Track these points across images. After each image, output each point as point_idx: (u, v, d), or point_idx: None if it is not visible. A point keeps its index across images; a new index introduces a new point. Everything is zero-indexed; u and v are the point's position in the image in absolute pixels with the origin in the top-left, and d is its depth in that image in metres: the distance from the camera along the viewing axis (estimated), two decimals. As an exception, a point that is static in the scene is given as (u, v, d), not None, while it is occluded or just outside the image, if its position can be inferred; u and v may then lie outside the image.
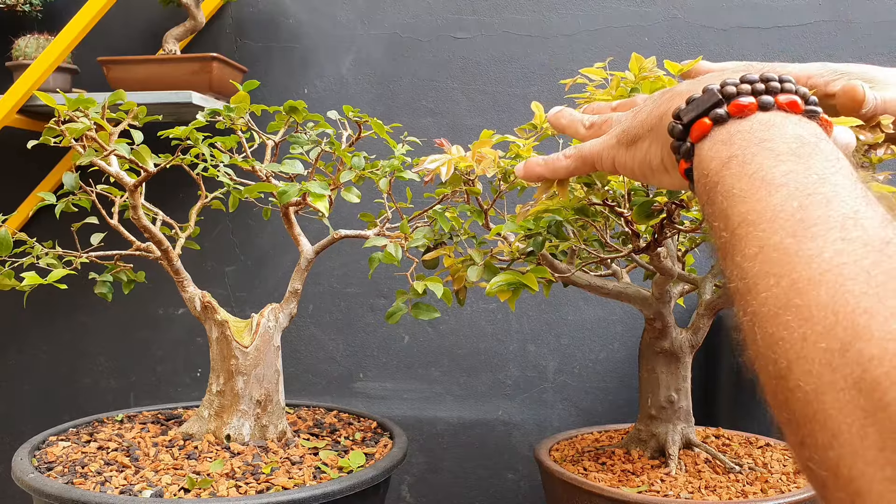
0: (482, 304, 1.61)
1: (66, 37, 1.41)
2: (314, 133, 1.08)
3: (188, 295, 1.09)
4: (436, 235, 0.94)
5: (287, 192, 0.97)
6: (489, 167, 0.83)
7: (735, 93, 0.43)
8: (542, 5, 1.57)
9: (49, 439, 1.12)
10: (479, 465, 1.64)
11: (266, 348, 1.09)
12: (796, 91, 0.43)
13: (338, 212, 1.44)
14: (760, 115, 0.42)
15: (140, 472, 0.98)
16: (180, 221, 1.18)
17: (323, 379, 1.66)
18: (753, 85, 0.43)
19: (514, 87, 1.59)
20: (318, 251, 1.11)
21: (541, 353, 1.61)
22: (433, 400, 1.63)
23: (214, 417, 1.08)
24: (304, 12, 1.63)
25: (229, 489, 0.93)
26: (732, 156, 0.41)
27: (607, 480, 1.00)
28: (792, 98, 0.43)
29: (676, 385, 1.08)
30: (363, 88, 1.62)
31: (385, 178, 1.01)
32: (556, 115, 0.62)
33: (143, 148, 0.97)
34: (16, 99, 1.41)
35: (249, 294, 1.67)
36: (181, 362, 1.69)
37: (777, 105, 0.42)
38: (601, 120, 0.58)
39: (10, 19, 1.60)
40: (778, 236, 0.35)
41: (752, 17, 1.53)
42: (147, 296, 1.64)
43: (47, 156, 1.58)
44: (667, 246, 0.99)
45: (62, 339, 1.72)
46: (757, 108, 0.42)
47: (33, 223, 1.62)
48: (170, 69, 1.46)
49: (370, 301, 1.64)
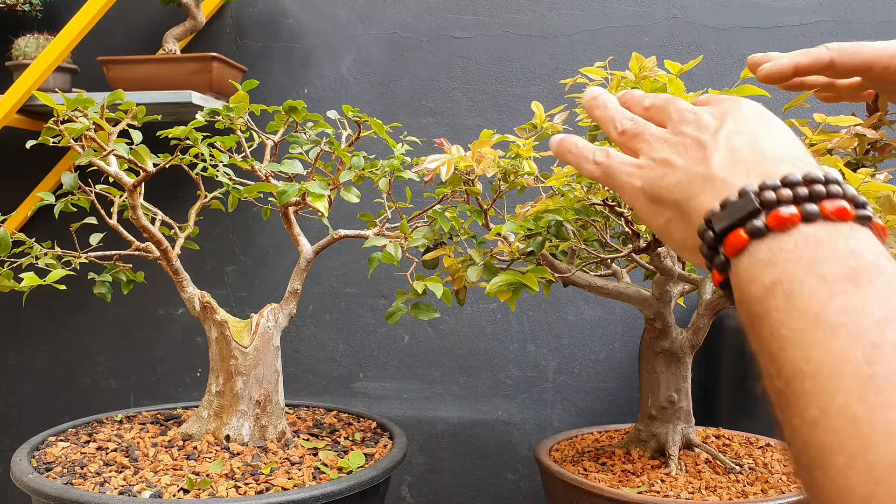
0: (482, 304, 1.61)
1: (66, 37, 1.41)
2: (313, 133, 1.08)
3: (187, 295, 1.09)
4: (436, 235, 0.94)
5: (286, 192, 0.96)
6: (489, 167, 0.83)
7: (775, 200, 0.38)
8: (542, 5, 1.57)
9: (48, 440, 1.11)
10: (479, 465, 1.64)
11: (265, 348, 1.08)
12: (844, 194, 0.38)
13: (337, 212, 1.44)
14: (805, 229, 0.37)
15: (139, 472, 0.98)
16: (180, 221, 1.18)
17: (323, 379, 1.65)
18: (795, 190, 0.38)
19: (515, 87, 1.58)
20: (318, 251, 1.11)
21: (541, 353, 1.60)
22: (433, 400, 1.63)
23: (214, 418, 1.08)
24: (304, 12, 1.63)
25: (228, 490, 0.93)
26: (777, 282, 0.36)
27: (607, 481, 1.00)
28: (840, 205, 0.37)
29: (677, 385, 1.08)
30: (363, 88, 1.62)
31: (385, 178, 1.01)
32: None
33: (143, 148, 0.97)
34: (16, 99, 1.41)
35: (249, 294, 1.67)
36: (181, 362, 1.69)
37: (823, 214, 0.37)
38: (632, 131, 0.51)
39: (10, 19, 1.60)
40: (843, 398, 0.30)
41: (752, 17, 1.53)
42: (147, 296, 1.64)
43: (47, 156, 1.58)
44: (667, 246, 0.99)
45: (62, 339, 1.72)
46: (800, 219, 0.37)
47: (33, 223, 1.61)
48: (170, 69, 1.46)
49: (370, 301, 1.64)
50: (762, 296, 0.36)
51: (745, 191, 0.39)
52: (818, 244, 0.36)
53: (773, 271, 0.36)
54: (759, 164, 0.41)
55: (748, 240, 0.38)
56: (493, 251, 0.86)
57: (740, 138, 0.43)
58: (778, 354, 0.34)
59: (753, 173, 0.41)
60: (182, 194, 1.62)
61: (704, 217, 0.41)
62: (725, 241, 0.39)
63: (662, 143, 0.47)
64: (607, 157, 0.50)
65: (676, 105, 0.49)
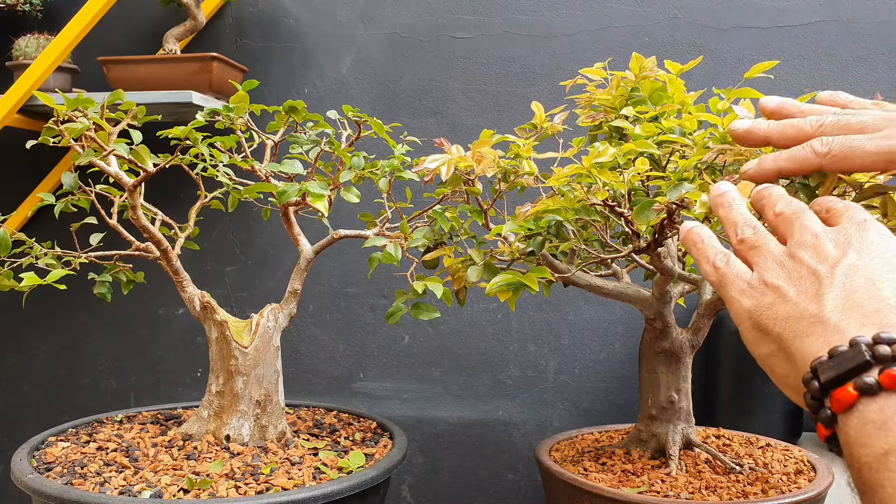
0: (482, 304, 1.61)
1: (66, 37, 1.41)
2: (314, 133, 1.08)
3: (187, 295, 1.09)
4: (436, 235, 0.94)
5: (286, 192, 0.96)
6: (489, 167, 0.83)
7: (890, 356, 0.35)
8: (542, 5, 1.57)
9: (48, 440, 1.11)
10: (479, 465, 1.64)
11: (265, 348, 1.08)
12: None
13: (337, 212, 1.44)
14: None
15: (139, 472, 0.98)
16: (179, 221, 1.18)
17: (323, 379, 1.65)
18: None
19: (515, 87, 1.58)
20: (318, 251, 1.11)
21: (541, 353, 1.60)
22: (433, 400, 1.63)
23: (214, 418, 1.08)
24: (304, 12, 1.63)
25: (229, 490, 0.93)
26: (891, 451, 0.33)
27: (607, 481, 1.00)
28: None
29: (677, 385, 1.08)
30: (363, 88, 1.62)
31: (385, 178, 1.01)
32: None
33: (143, 148, 0.97)
34: (16, 99, 1.41)
35: (249, 294, 1.67)
36: (181, 362, 1.69)
37: None
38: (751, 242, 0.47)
39: (10, 19, 1.60)
40: None
41: (752, 17, 1.53)
42: (147, 296, 1.64)
43: (47, 156, 1.58)
44: (667, 246, 0.99)
45: (62, 339, 1.72)
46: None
47: (33, 223, 1.62)
48: (170, 69, 1.46)
49: (370, 301, 1.64)
50: (874, 464, 0.34)
51: (857, 342, 0.36)
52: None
53: (888, 437, 0.34)
54: (877, 312, 0.38)
55: (857, 396, 0.35)
56: (493, 251, 0.86)
57: (860, 277, 0.40)
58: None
59: (868, 322, 0.38)
60: (182, 194, 1.62)
61: (811, 364, 0.38)
62: (833, 395, 0.37)
63: (778, 265, 0.44)
64: (726, 265, 0.47)
65: (802, 221, 0.46)
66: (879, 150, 0.53)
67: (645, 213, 0.74)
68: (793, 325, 0.41)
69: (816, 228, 0.45)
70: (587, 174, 0.75)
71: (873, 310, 0.38)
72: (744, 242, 0.47)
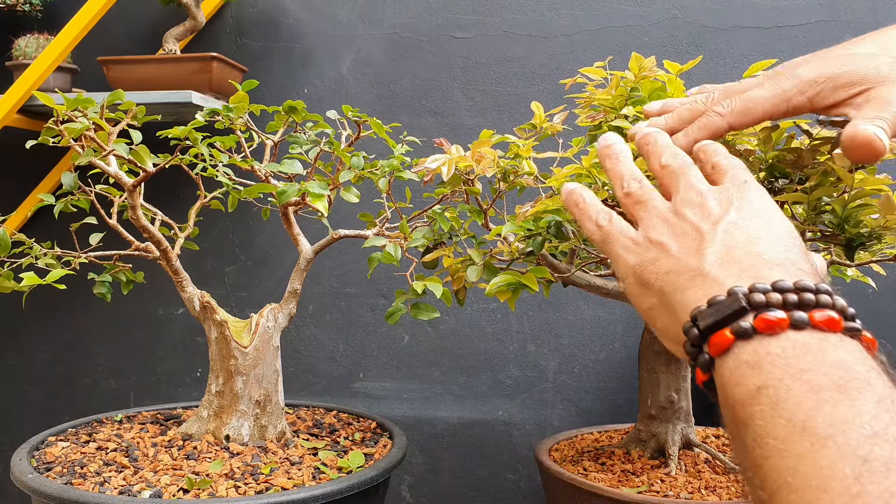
0: (482, 304, 1.61)
1: (66, 37, 1.41)
2: (313, 133, 1.08)
3: (187, 295, 1.09)
4: (435, 235, 0.94)
5: (286, 192, 0.96)
6: (489, 167, 0.83)
7: (764, 303, 0.37)
8: (542, 5, 1.57)
9: (48, 439, 1.11)
10: (479, 465, 1.64)
11: (265, 348, 1.08)
12: (833, 304, 0.37)
13: (337, 212, 1.44)
14: (793, 335, 0.36)
15: (139, 472, 0.98)
16: (179, 221, 1.18)
17: (323, 379, 1.65)
18: (785, 296, 0.37)
19: (515, 87, 1.58)
20: (318, 251, 1.11)
21: (541, 353, 1.60)
22: (433, 400, 1.63)
23: (214, 418, 1.08)
24: (304, 12, 1.63)
25: (228, 489, 0.93)
26: (763, 387, 0.35)
27: (607, 481, 1.00)
28: (829, 315, 0.37)
29: (676, 385, 1.08)
30: (363, 88, 1.62)
31: (384, 178, 1.01)
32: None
33: (142, 148, 0.97)
34: (16, 99, 1.41)
35: (249, 294, 1.67)
36: (181, 362, 1.69)
37: (812, 323, 0.36)
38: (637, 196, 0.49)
39: (10, 19, 1.60)
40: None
41: (752, 17, 1.53)
42: (147, 296, 1.64)
43: (47, 156, 1.58)
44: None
45: (62, 339, 1.72)
46: (789, 325, 0.36)
47: (32, 223, 1.62)
48: (170, 69, 1.46)
49: (370, 301, 1.64)
50: (746, 400, 0.35)
51: (734, 291, 0.39)
52: (806, 351, 0.35)
53: (759, 375, 0.35)
54: (752, 266, 0.41)
55: (733, 340, 0.37)
56: (492, 251, 0.86)
57: (739, 234, 0.43)
58: (762, 463, 0.33)
59: (745, 275, 0.40)
60: (182, 194, 1.62)
61: (691, 314, 0.40)
62: (710, 340, 0.39)
63: (662, 221, 0.46)
64: (609, 223, 0.49)
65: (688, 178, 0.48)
66: (774, 93, 0.57)
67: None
68: (674, 278, 0.43)
69: (701, 187, 0.47)
70: (587, 174, 0.75)
71: (750, 264, 0.41)
72: (630, 196, 0.49)
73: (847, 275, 0.98)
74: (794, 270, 0.40)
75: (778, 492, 0.32)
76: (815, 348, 0.36)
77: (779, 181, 0.75)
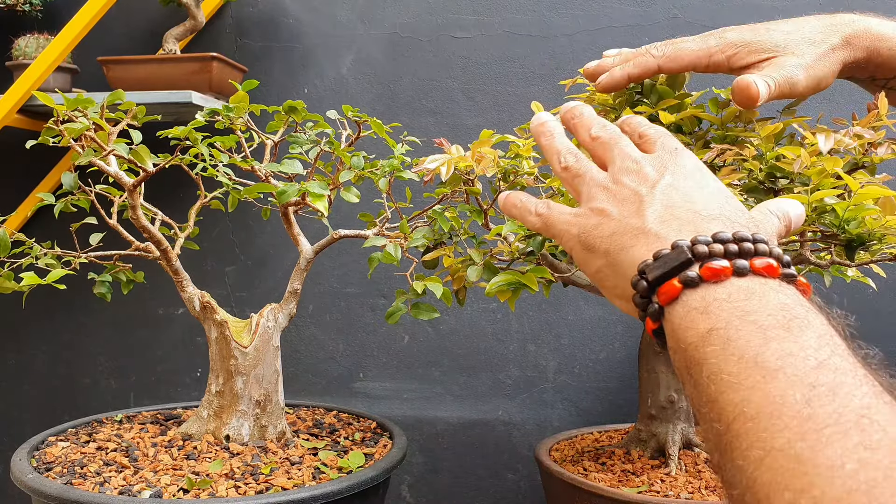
0: (482, 304, 1.61)
1: (66, 37, 1.41)
2: (313, 133, 1.08)
3: (187, 295, 1.09)
4: (435, 235, 0.94)
5: (286, 192, 0.96)
6: (489, 167, 0.83)
7: (707, 253, 0.40)
8: (542, 5, 1.57)
9: (48, 439, 1.11)
10: (479, 465, 1.64)
11: (265, 348, 1.08)
12: (770, 252, 0.40)
13: (337, 211, 1.44)
14: (737, 281, 0.39)
15: (139, 472, 0.98)
16: (179, 221, 1.18)
17: (323, 379, 1.65)
18: (726, 246, 0.40)
19: (515, 87, 1.58)
20: (318, 251, 1.11)
21: (541, 353, 1.60)
22: (433, 400, 1.63)
23: (214, 418, 1.08)
24: (304, 12, 1.63)
25: (228, 489, 0.93)
26: (713, 329, 0.37)
27: (607, 480, 1.00)
28: (768, 262, 0.39)
29: (677, 385, 1.08)
30: (363, 88, 1.62)
31: (384, 178, 1.01)
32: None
33: (142, 148, 0.97)
34: (16, 99, 1.41)
35: (249, 294, 1.67)
36: (181, 362, 1.69)
37: (753, 270, 0.39)
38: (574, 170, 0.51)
39: (10, 19, 1.60)
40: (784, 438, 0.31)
41: (752, 17, 1.52)
42: (147, 296, 1.64)
43: (47, 156, 1.58)
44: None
45: (62, 339, 1.72)
46: (732, 272, 0.39)
47: (32, 223, 1.61)
48: (170, 69, 1.46)
49: (370, 301, 1.64)
50: (698, 342, 0.37)
51: (678, 244, 0.41)
52: (750, 295, 0.38)
53: (709, 319, 0.37)
54: (691, 221, 0.43)
55: (682, 289, 0.40)
56: (492, 251, 0.86)
57: (676, 194, 0.45)
58: (717, 398, 0.35)
59: (686, 229, 0.43)
60: (182, 194, 1.62)
61: (638, 268, 0.42)
62: (659, 291, 0.41)
63: (602, 190, 0.48)
64: (547, 209, 0.51)
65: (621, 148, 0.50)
66: (700, 47, 0.70)
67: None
68: (617, 239, 0.45)
69: (635, 155, 0.49)
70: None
71: (688, 220, 0.43)
72: (568, 170, 0.51)
73: (847, 275, 0.98)
74: (731, 224, 0.42)
75: (734, 422, 0.33)
76: (758, 292, 0.38)
77: (779, 181, 0.75)
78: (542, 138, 0.54)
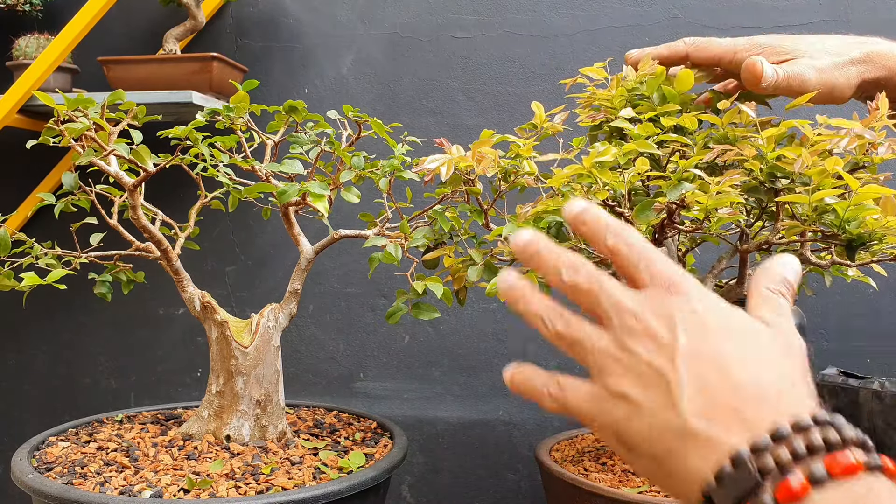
0: (482, 304, 1.61)
1: (66, 37, 1.41)
2: (314, 133, 1.08)
3: (188, 295, 1.09)
4: (436, 235, 0.94)
5: (287, 192, 0.96)
6: (489, 167, 0.83)
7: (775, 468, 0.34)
8: (542, 5, 1.57)
9: (48, 439, 1.11)
10: (479, 465, 1.64)
11: (266, 348, 1.08)
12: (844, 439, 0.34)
13: (338, 211, 1.44)
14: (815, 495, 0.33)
15: (139, 472, 0.98)
16: (180, 221, 1.18)
17: (323, 379, 1.65)
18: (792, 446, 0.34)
19: (515, 87, 1.58)
20: (318, 251, 1.11)
21: (541, 352, 1.60)
22: (433, 400, 1.63)
23: (214, 418, 1.08)
24: (304, 12, 1.63)
25: (229, 490, 0.93)
26: None
27: (608, 481, 1.00)
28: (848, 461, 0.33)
29: (677, 385, 1.08)
30: (363, 88, 1.62)
31: (385, 178, 1.01)
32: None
33: (143, 148, 0.97)
34: (16, 99, 1.41)
35: (249, 294, 1.67)
36: (181, 362, 1.69)
37: (832, 475, 0.33)
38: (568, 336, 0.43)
39: (10, 19, 1.60)
40: None
41: (753, 17, 1.53)
42: (147, 296, 1.64)
43: (47, 156, 1.58)
44: (667, 245, 0.99)
45: (62, 339, 1.72)
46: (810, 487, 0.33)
47: (33, 223, 1.61)
48: (170, 69, 1.46)
49: (370, 301, 1.64)
50: None
51: (740, 459, 0.35)
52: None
53: None
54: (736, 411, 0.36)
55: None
56: (493, 251, 0.86)
57: (704, 367, 0.37)
58: None
59: (735, 425, 0.36)
60: (182, 194, 1.62)
61: (702, 491, 0.36)
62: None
63: (612, 361, 0.40)
64: (560, 390, 0.43)
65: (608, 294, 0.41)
66: (728, 43, 0.78)
67: (645, 213, 0.74)
68: (658, 437, 0.38)
69: (629, 304, 0.40)
70: (588, 174, 0.75)
71: (732, 408, 0.36)
72: (561, 338, 0.43)
73: (847, 275, 0.98)
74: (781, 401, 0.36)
75: None
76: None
77: (779, 181, 0.75)
78: (517, 306, 0.44)
